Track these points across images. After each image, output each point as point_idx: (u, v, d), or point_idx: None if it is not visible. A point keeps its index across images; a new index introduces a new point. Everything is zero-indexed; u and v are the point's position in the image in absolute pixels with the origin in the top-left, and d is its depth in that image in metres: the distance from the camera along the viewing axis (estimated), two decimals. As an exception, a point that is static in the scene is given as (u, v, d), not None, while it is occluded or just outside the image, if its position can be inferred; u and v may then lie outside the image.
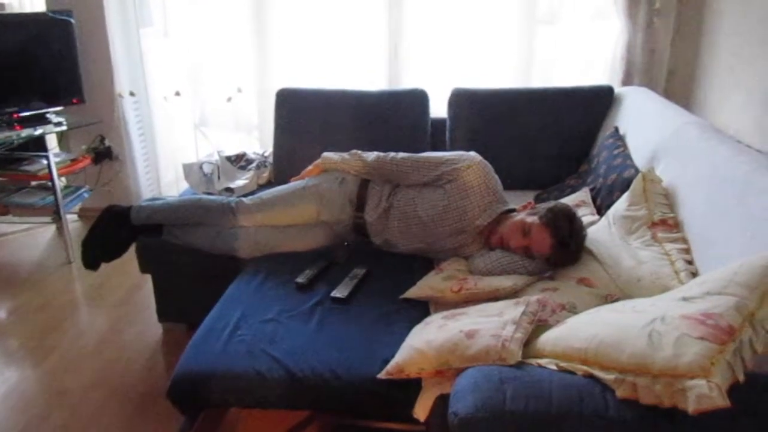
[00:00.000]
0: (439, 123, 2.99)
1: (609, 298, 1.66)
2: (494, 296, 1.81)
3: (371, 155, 2.32)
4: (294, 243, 2.29)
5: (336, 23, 3.43)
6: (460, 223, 2.12)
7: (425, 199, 2.17)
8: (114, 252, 2.46)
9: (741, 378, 1.09)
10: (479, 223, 2.11)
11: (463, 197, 2.12)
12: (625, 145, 2.41)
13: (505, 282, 1.85)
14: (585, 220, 2.10)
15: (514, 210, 2.15)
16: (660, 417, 1.11)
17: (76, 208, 3.85)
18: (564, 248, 1.91)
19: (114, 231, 2.44)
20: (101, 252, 2.45)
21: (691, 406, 1.05)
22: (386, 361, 1.57)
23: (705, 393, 1.04)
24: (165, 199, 2.53)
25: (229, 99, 3.67)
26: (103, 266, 2.46)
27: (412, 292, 1.93)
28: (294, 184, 2.40)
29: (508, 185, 2.30)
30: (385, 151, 2.32)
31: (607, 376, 1.20)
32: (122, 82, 3.64)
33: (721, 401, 1.03)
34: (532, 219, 1.99)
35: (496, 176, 2.20)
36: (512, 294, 1.82)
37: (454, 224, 2.13)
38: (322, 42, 3.46)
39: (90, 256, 2.45)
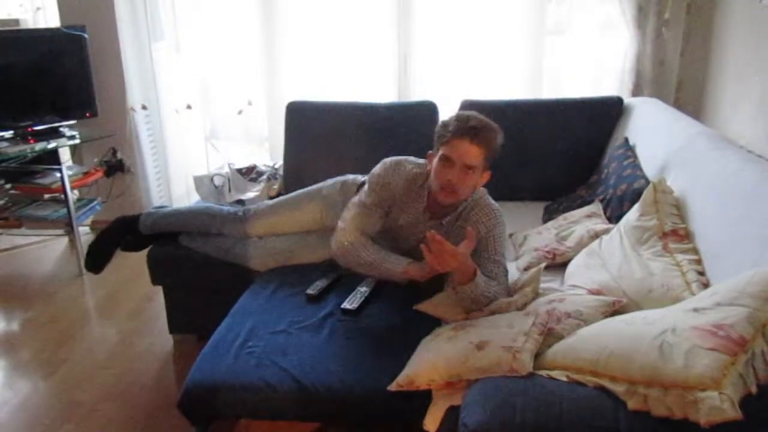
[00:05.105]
0: (448, 135, 2.99)
1: (616, 304, 1.65)
2: (496, 310, 1.79)
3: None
4: (305, 254, 2.29)
5: (346, 36, 3.46)
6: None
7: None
8: (108, 255, 2.55)
9: (753, 390, 1.08)
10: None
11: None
12: (635, 156, 2.40)
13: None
14: (599, 227, 2.12)
15: None
16: (672, 429, 1.10)
17: (89, 220, 3.88)
18: (480, 134, 1.86)
19: (121, 237, 2.53)
20: (105, 256, 2.55)
21: (702, 418, 1.04)
22: (396, 373, 1.57)
23: (717, 405, 1.03)
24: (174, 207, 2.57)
25: (240, 112, 3.70)
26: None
27: (426, 308, 1.91)
28: (298, 191, 2.42)
29: (518, 196, 2.29)
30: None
31: (618, 388, 1.19)
32: (134, 96, 3.68)
33: (732, 413, 1.02)
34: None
35: None
36: (509, 306, 1.79)
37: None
38: (332, 55, 3.49)
39: (94, 259, 2.54)
